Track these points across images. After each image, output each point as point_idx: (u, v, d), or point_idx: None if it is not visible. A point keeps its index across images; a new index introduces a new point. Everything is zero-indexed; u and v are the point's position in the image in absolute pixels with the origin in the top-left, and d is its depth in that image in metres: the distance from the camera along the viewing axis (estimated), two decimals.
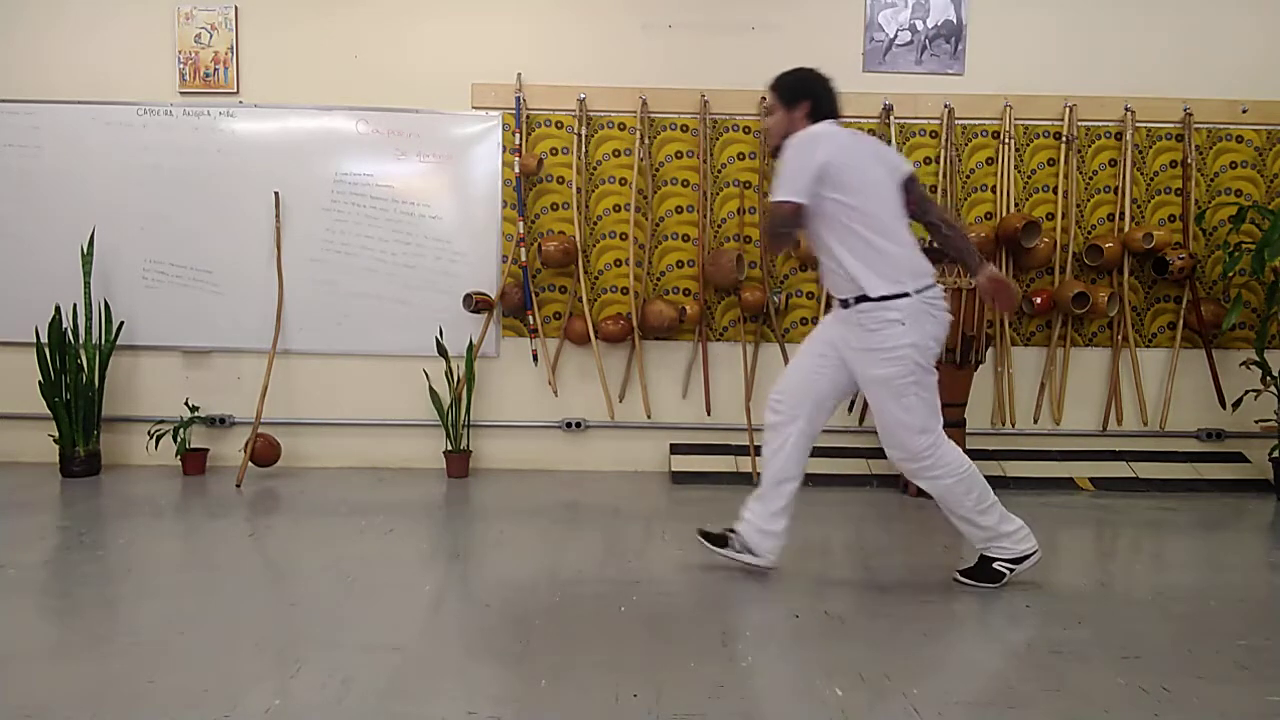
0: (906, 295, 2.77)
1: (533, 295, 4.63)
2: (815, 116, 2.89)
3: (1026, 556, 2.96)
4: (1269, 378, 4.52)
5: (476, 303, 4.53)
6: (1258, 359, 4.53)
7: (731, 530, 3.10)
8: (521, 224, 4.58)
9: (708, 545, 3.14)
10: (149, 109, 4.57)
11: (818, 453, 4.74)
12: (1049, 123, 4.67)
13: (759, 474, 3.16)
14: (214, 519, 3.81)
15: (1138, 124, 4.66)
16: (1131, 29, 4.65)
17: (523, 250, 4.57)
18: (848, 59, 4.62)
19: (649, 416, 4.73)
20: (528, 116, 4.62)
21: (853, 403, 4.74)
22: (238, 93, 4.60)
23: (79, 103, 4.56)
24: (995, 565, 2.96)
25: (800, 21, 4.62)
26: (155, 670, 2.31)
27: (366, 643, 2.50)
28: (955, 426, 4.29)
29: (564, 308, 4.71)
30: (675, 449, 4.70)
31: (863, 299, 2.79)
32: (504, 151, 4.62)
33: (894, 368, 2.79)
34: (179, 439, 4.47)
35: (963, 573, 3.02)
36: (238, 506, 3.99)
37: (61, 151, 4.57)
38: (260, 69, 4.60)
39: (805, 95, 2.91)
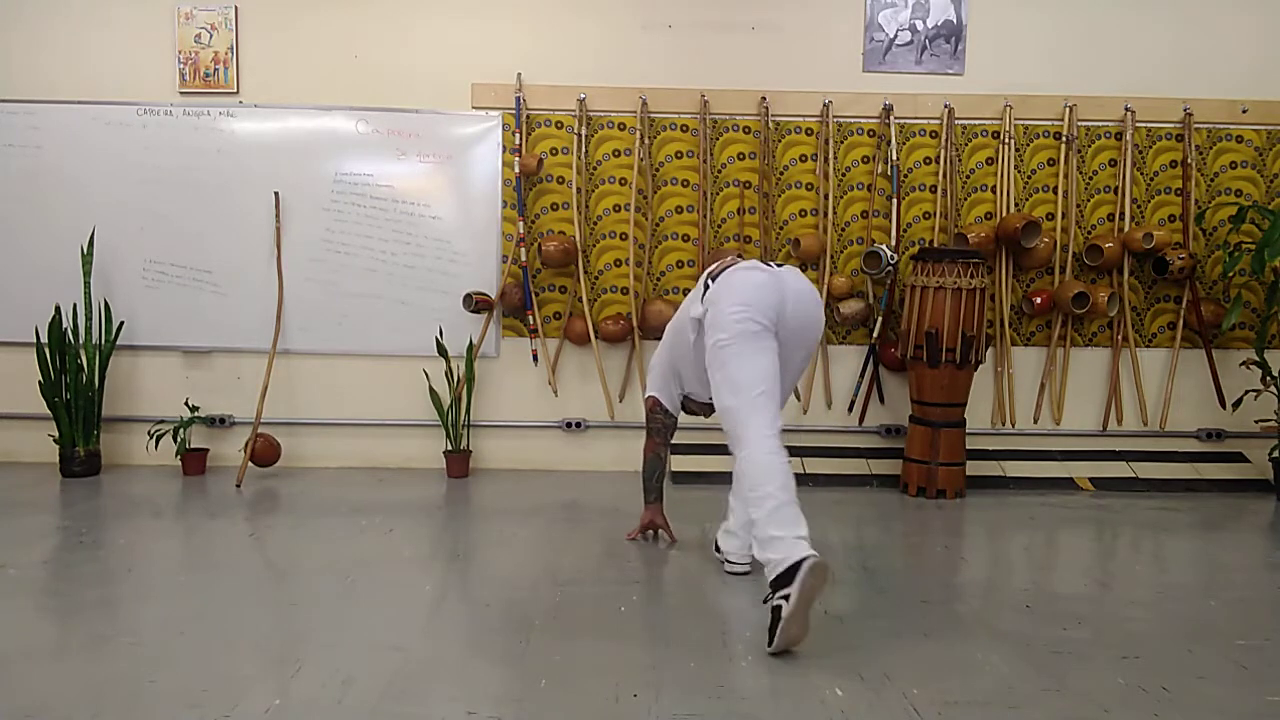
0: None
1: (533, 295, 4.63)
2: None
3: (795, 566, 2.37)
4: (1269, 378, 4.52)
5: (476, 303, 4.53)
6: (1258, 359, 4.53)
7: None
8: (521, 224, 4.57)
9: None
10: (149, 109, 4.57)
11: (818, 453, 4.76)
12: (1049, 123, 4.67)
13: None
14: (214, 519, 3.81)
15: (1138, 124, 4.66)
16: (1131, 29, 4.65)
17: (523, 250, 4.57)
18: (848, 59, 4.63)
19: None
20: (528, 116, 4.62)
21: (853, 402, 4.75)
22: (238, 93, 4.60)
23: (79, 103, 4.56)
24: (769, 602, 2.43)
25: (800, 21, 4.62)
26: (155, 670, 2.31)
27: (366, 643, 2.50)
28: (955, 426, 4.30)
29: (564, 308, 4.71)
30: (675, 449, 4.69)
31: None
32: (504, 151, 4.62)
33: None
34: (179, 439, 4.47)
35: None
36: (238, 506, 3.99)
37: (61, 151, 4.57)
38: (260, 69, 4.59)
39: None
